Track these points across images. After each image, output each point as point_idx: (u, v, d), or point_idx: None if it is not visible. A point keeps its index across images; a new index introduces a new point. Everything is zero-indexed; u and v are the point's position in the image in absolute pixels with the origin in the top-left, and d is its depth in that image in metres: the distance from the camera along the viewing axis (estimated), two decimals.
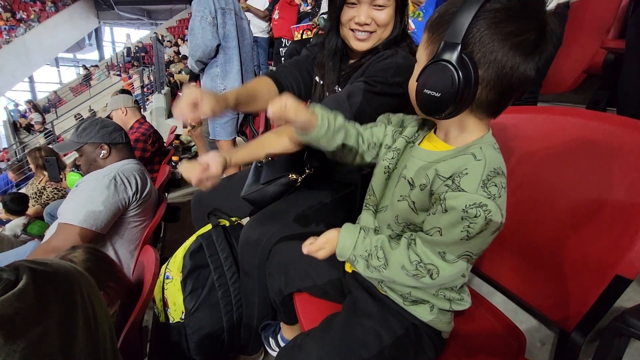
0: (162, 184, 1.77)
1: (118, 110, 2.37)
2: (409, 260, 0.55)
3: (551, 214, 0.74)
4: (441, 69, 0.48)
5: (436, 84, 0.49)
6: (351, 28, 0.89)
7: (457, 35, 0.47)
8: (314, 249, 0.64)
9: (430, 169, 0.56)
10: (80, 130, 1.41)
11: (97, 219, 1.22)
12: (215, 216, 1.07)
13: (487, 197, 0.50)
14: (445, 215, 0.51)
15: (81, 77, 13.93)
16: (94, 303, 0.57)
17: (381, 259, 0.59)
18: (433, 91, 0.49)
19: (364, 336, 0.60)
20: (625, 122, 0.66)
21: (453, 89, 0.47)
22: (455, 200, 0.50)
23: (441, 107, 0.49)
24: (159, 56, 5.98)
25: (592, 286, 0.64)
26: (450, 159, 0.55)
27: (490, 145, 0.55)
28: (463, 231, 0.50)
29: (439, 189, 0.54)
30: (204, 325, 0.97)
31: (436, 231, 0.53)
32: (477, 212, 0.49)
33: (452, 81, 0.47)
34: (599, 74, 1.45)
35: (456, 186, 0.51)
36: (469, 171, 0.51)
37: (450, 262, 0.53)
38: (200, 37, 1.88)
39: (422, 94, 0.50)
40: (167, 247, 1.97)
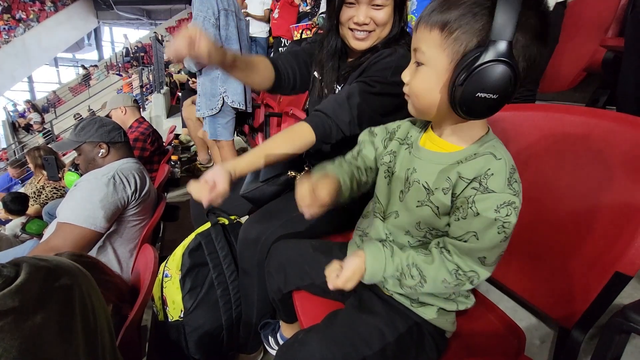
0: (161, 183, 1.77)
1: (117, 110, 2.37)
2: (448, 272, 0.55)
3: (550, 211, 0.73)
4: (499, 71, 0.46)
5: (493, 86, 0.46)
6: (350, 27, 0.89)
7: (508, 33, 0.45)
8: (340, 284, 0.58)
9: (451, 172, 0.55)
10: (79, 129, 1.40)
11: (96, 218, 1.21)
12: (215, 214, 1.07)
13: (513, 194, 0.50)
14: (477, 218, 0.51)
15: (80, 77, 13.91)
16: (93, 300, 0.57)
17: (416, 277, 0.57)
18: (489, 94, 0.47)
19: (367, 333, 0.59)
20: (625, 119, 0.66)
21: (511, 88, 0.47)
22: (485, 202, 0.50)
23: (496, 108, 0.49)
24: (158, 56, 5.97)
25: (592, 283, 0.63)
26: (471, 161, 0.54)
27: (499, 142, 0.56)
28: (500, 232, 0.50)
29: (465, 192, 0.53)
30: (203, 323, 0.97)
31: (472, 236, 0.52)
32: (508, 210, 0.49)
33: (510, 81, 0.46)
34: (598, 72, 1.45)
35: (484, 188, 0.51)
36: (494, 171, 0.51)
37: (489, 266, 0.53)
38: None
39: (475, 97, 0.47)
40: (166, 246, 1.96)
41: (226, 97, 2.05)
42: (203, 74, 2.03)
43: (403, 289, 0.60)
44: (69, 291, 0.53)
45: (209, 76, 2.02)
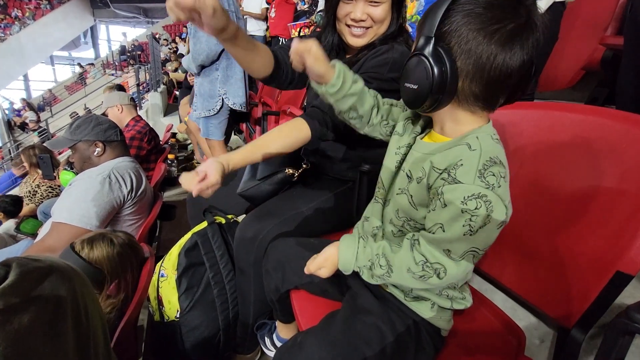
0: (157, 182, 1.75)
1: (114, 108, 2.35)
2: (414, 262, 0.54)
3: (550, 210, 0.73)
4: (417, 62, 0.50)
5: (413, 77, 0.51)
6: (347, 24, 0.88)
7: (431, 28, 0.48)
8: (313, 268, 0.64)
9: (425, 161, 0.55)
10: (74, 127, 1.39)
11: (91, 217, 1.20)
12: (211, 213, 1.06)
13: (485, 187, 0.48)
14: (444, 210, 0.50)
15: (76, 75, 13.82)
16: (86, 301, 0.56)
17: (384, 267, 0.58)
18: (411, 84, 0.51)
19: (366, 332, 0.59)
20: (624, 117, 0.65)
21: (428, 80, 0.48)
22: (452, 193, 0.49)
23: (419, 99, 0.51)
24: (155, 54, 5.94)
25: (592, 283, 0.63)
26: (445, 150, 0.54)
27: (488, 135, 0.53)
28: (465, 225, 0.48)
29: (435, 183, 0.53)
30: (200, 324, 0.96)
31: (438, 227, 0.51)
32: (477, 203, 0.47)
33: (426, 73, 0.48)
34: (597, 70, 1.44)
35: (452, 178, 0.50)
36: (464, 162, 0.50)
37: (456, 260, 0.51)
38: (205, 41, 1.83)
39: (403, 87, 0.53)
40: (163, 246, 1.95)
41: (226, 99, 2.03)
42: (202, 75, 2.01)
43: (374, 279, 0.60)
44: (60, 292, 0.52)
45: (208, 77, 2.00)
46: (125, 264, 0.89)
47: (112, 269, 0.87)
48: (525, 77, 0.50)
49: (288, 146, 0.83)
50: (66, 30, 14.66)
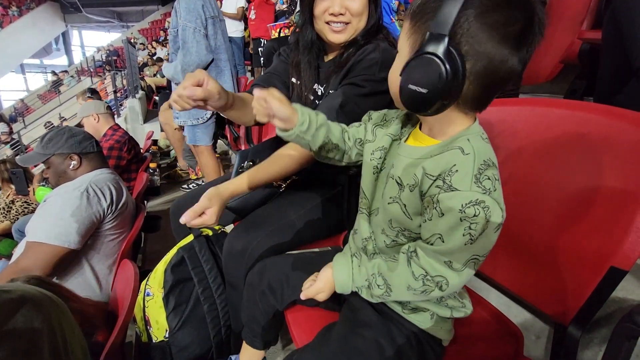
0: (139, 193, 1.69)
1: (89, 117, 2.26)
2: (414, 277, 0.52)
3: (542, 207, 0.72)
4: (427, 63, 0.44)
5: (422, 79, 0.45)
6: (326, 21, 0.87)
7: (444, 26, 0.43)
8: (312, 293, 0.63)
9: (417, 167, 0.53)
10: (46, 140, 1.32)
11: (69, 235, 1.14)
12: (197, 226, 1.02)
13: (482, 192, 0.46)
14: (442, 219, 0.48)
15: (50, 83, 13.34)
16: (64, 329, 0.53)
17: (382, 287, 0.56)
18: (419, 87, 0.45)
19: (365, 347, 0.56)
20: (612, 112, 0.65)
21: (440, 84, 0.44)
22: (450, 201, 0.47)
23: (428, 103, 0.46)
24: (132, 59, 5.77)
25: (587, 279, 0.63)
26: (437, 156, 0.51)
27: (478, 136, 0.52)
28: (465, 234, 0.46)
29: (430, 191, 0.50)
30: (191, 342, 0.92)
31: (437, 238, 0.49)
32: (475, 210, 0.45)
33: (439, 76, 0.44)
34: (575, 63, 1.47)
35: (448, 186, 0.48)
36: (459, 167, 0.48)
37: (458, 270, 0.49)
38: (195, 51, 1.77)
39: (407, 89, 0.47)
40: (149, 259, 1.89)
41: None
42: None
43: (374, 299, 0.59)
44: (34, 324, 0.48)
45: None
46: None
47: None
48: (520, 77, 0.48)
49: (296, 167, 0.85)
50: (37, 36, 14.15)
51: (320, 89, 0.97)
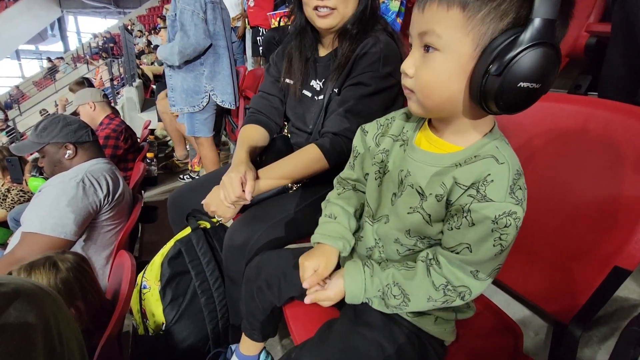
0: (137, 183, 1.68)
1: (85, 105, 2.22)
2: (434, 287, 0.50)
3: (546, 204, 0.71)
4: (544, 55, 0.39)
5: (537, 74, 0.40)
6: (314, 6, 0.85)
7: (552, 10, 0.38)
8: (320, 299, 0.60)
9: (446, 177, 0.49)
10: (40, 129, 1.29)
11: (65, 225, 1.13)
12: (195, 218, 1.00)
13: (515, 203, 0.45)
14: (472, 229, 0.46)
15: (45, 70, 13.15)
16: (60, 325, 0.52)
17: (399, 297, 0.54)
18: (533, 83, 0.40)
19: (366, 348, 0.55)
20: (621, 109, 0.64)
21: (552, 75, 0.41)
22: (483, 212, 0.45)
23: (535, 98, 0.42)
24: (129, 47, 5.67)
25: (590, 278, 0.62)
26: (470, 164, 0.48)
27: (504, 142, 0.49)
28: (496, 245, 0.45)
29: (460, 200, 0.48)
30: (187, 335, 0.91)
31: (465, 248, 0.47)
32: (507, 221, 0.44)
33: (553, 67, 0.40)
34: (580, 57, 1.45)
35: (482, 196, 0.45)
36: (494, 177, 0.45)
37: (483, 280, 0.48)
38: (193, 35, 1.72)
39: (517, 89, 0.40)
40: (146, 250, 1.87)
41: (214, 96, 1.94)
42: (184, 69, 1.88)
43: (389, 309, 0.57)
44: (28, 319, 0.47)
45: (192, 72, 1.88)
46: (74, 290, 0.81)
47: None
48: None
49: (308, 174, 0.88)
50: (32, 22, 13.89)
51: (319, 84, 0.95)
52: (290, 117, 1.04)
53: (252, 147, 0.95)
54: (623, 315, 0.81)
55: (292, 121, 1.03)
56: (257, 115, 1.04)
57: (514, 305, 0.90)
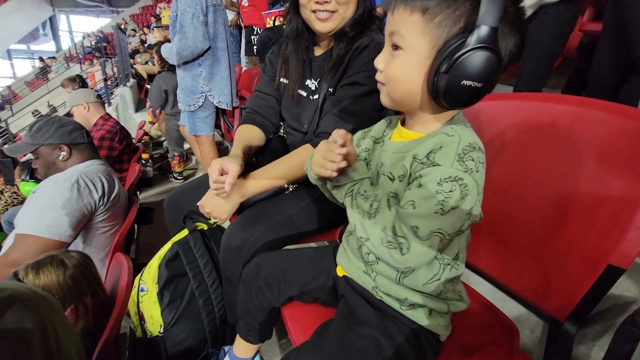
0: (132, 184, 1.67)
1: (79, 106, 2.20)
2: (392, 226, 0.51)
3: (541, 203, 0.72)
4: (485, 57, 0.44)
5: (478, 74, 0.45)
6: (312, 9, 0.84)
7: (494, 19, 0.43)
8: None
9: (405, 158, 0.55)
10: (34, 130, 1.28)
11: (60, 227, 1.12)
12: (192, 220, 1.00)
13: (463, 170, 0.48)
14: (419, 189, 0.50)
15: (37, 70, 12.99)
16: (57, 330, 0.51)
17: (373, 209, 0.54)
18: (474, 82, 0.46)
19: (363, 346, 0.55)
20: (611, 108, 0.65)
21: (495, 76, 0.46)
22: (430, 175, 0.49)
23: (479, 97, 0.47)
24: (122, 46, 5.62)
25: (584, 276, 0.63)
26: (424, 142, 0.53)
27: (462, 124, 0.54)
28: (437, 204, 0.48)
29: (415, 169, 0.53)
30: (186, 337, 0.91)
31: (409, 204, 0.50)
32: (452, 186, 0.47)
33: (494, 69, 0.45)
34: (573, 57, 1.46)
35: (431, 162, 0.50)
36: (443, 146, 0.50)
37: (422, 239, 0.49)
38: (192, 37, 1.74)
39: (459, 86, 0.46)
40: (142, 252, 1.86)
41: (211, 97, 1.96)
42: (182, 68, 1.92)
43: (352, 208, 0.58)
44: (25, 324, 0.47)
45: (189, 72, 1.90)
46: (81, 287, 0.81)
47: (64, 295, 0.78)
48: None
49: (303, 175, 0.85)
50: (23, 21, 13.73)
51: (314, 84, 0.95)
52: (286, 117, 1.04)
53: (248, 147, 0.95)
54: (617, 313, 0.82)
55: (288, 121, 1.03)
56: (254, 115, 1.04)
57: (510, 303, 0.91)
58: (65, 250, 0.89)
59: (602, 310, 0.83)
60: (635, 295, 0.83)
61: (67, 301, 0.79)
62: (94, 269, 0.89)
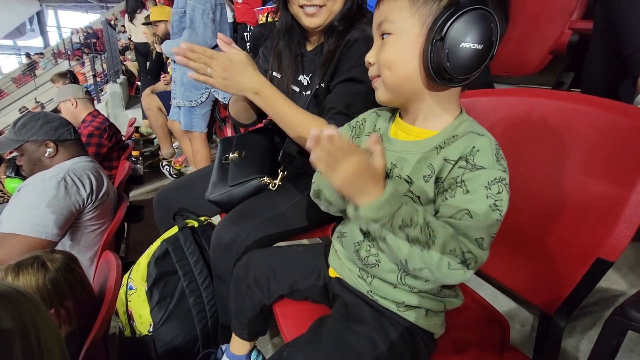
0: (122, 182, 1.64)
1: (67, 102, 2.16)
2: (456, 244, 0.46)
3: (531, 197, 0.73)
4: (481, 16, 0.44)
5: (477, 34, 0.45)
6: (300, 4, 0.83)
7: None
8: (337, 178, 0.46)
9: (434, 159, 0.52)
10: (19, 126, 1.25)
11: (46, 226, 1.09)
12: (182, 217, 0.98)
13: (502, 170, 0.48)
14: (468, 196, 0.47)
15: (24, 66, 12.71)
16: (38, 329, 0.50)
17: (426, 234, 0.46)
18: (474, 43, 0.45)
19: (359, 344, 0.55)
20: (602, 104, 0.65)
21: (494, 37, 0.45)
22: (477, 180, 0.47)
23: (481, 60, 0.46)
24: (112, 42, 5.53)
25: (573, 269, 0.63)
26: (453, 143, 0.51)
27: (476, 122, 0.53)
28: (494, 210, 0.46)
29: (452, 173, 0.49)
30: (176, 336, 0.90)
31: (465, 214, 0.47)
32: (499, 187, 0.47)
33: (491, 31, 0.45)
34: (563, 55, 1.48)
35: (472, 165, 0.48)
36: (480, 147, 0.48)
37: (484, 249, 0.47)
38: (201, 33, 1.77)
39: (459, 50, 0.45)
40: (132, 250, 1.84)
41: (215, 93, 1.98)
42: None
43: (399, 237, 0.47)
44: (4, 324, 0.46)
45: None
46: (62, 291, 0.80)
47: (43, 299, 0.76)
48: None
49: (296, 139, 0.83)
50: (8, 16, 13.43)
51: (306, 79, 0.94)
52: None
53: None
54: (605, 306, 0.83)
55: None
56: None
57: (501, 297, 0.92)
58: (50, 251, 0.87)
59: (591, 304, 0.84)
60: (623, 288, 0.84)
61: (46, 305, 0.77)
62: (79, 271, 0.86)
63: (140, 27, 3.87)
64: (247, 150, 0.97)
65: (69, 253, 0.89)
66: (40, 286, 0.77)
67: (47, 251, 0.86)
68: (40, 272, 0.78)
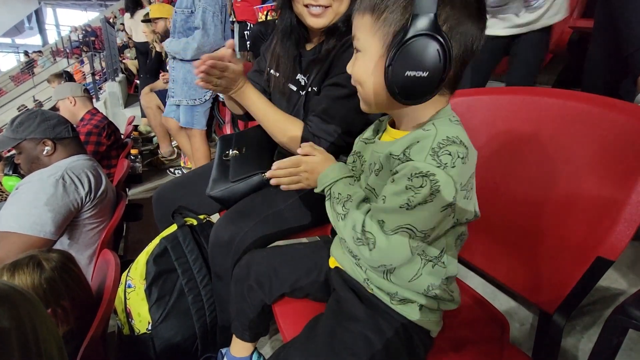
0: (120, 180, 1.64)
1: (65, 100, 2.15)
2: (362, 222, 0.52)
3: (531, 196, 0.72)
4: (423, 44, 0.43)
5: (420, 63, 0.44)
6: (305, 4, 0.83)
7: (429, 6, 0.42)
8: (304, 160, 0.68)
9: (385, 153, 0.55)
10: (16, 124, 1.24)
11: (45, 224, 1.09)
12: (181, 215, 0.98)
13: (436, 165, 0.47)
14: (392, 184, 0.50)
15: (22, 64, 12.67)
16: (36, 328, 0.50)
17: (345, 210, 0.56)
18: (418, 71, 0.44)
19: (353, 342, 0.55)
20: (602, 102, 0.65)
21: (441, 63, 0.44)
22: (402, 171, 0.49)
23: (429, 87, 0.45)
24: (110, 41, 5.50)
25: (573, 268, 0.63)
26: (403, 139, 0.53)
27: (445, 119, 0.52)
28: (404, 200, 0.47)
29: (392, 165, 0.53)
30: (175, 334, 0.89)
31: (381, 199, 0.50)
32: (422, 181, 0.46)
33: (439, 55, 0.43)
34: (564, 53, 1.47)
35: (406, 157, 0.50)
36: (420, 141, 0.49)
37: (388, 234, 0.49)
38: (213, 34, 1.83)
39: (404, 78, 0.45)
40: (131, 249, 1.84)
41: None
42: (191, 62, 1.92)
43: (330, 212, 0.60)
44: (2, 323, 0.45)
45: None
46: (58, 290, 0.79)
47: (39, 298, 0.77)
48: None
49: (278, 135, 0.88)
50: (7, 14, 13.39)
51: (304, 79, 0.93)
52: None
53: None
54: (605, 305, 0.83)
55: None
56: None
57: (500, 296, 0.92)
58: (47, 250, 0.86)
59: (590, 303, 0.84)
60: (623, 287, 0.84)
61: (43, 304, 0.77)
62: (75, 270, 0.86)
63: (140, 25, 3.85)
64: (247, 147, 0.97)
65: (65, 252, 0.88)
66: (36, 286, 0.76)
67: (43, 250, 0.86)
68: (36, 271, 0.77)
